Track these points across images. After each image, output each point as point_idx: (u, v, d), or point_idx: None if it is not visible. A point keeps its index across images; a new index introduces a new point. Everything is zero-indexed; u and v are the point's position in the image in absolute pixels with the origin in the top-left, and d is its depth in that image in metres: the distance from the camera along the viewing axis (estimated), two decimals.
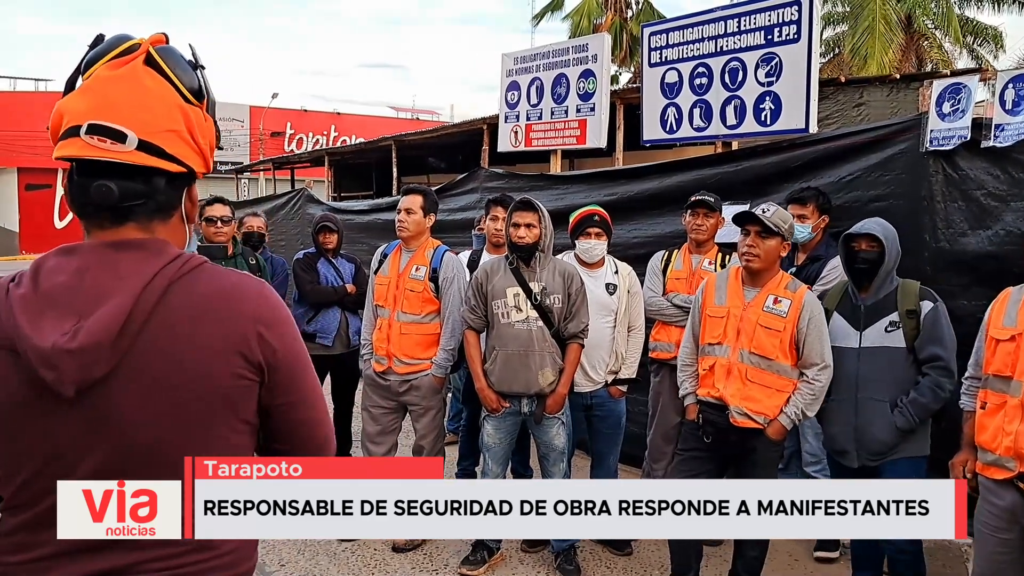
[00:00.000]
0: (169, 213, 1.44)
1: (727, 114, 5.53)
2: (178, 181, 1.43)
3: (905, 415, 3.46)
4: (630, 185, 5.96)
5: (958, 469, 3.19)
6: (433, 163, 18.75)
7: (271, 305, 1.42)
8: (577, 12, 26.30)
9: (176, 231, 1.47)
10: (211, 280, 1.38)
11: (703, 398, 3.75)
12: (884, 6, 20.75)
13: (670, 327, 4.67)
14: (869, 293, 3.62)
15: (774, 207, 3.62)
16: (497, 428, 4.26)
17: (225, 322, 1.35)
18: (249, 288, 1.41)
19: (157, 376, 1.30)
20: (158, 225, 1.42)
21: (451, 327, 4.53)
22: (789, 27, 5.11)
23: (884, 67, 19.04)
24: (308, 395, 1.47)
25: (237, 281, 1.41)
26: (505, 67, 7.51)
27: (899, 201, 4.36)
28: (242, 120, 38.87)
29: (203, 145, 1.42)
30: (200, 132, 1.41)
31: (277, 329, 1.40)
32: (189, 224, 1.51)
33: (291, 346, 1.42)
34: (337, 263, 5.90)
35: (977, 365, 3.18)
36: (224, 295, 1.37)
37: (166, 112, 1.36)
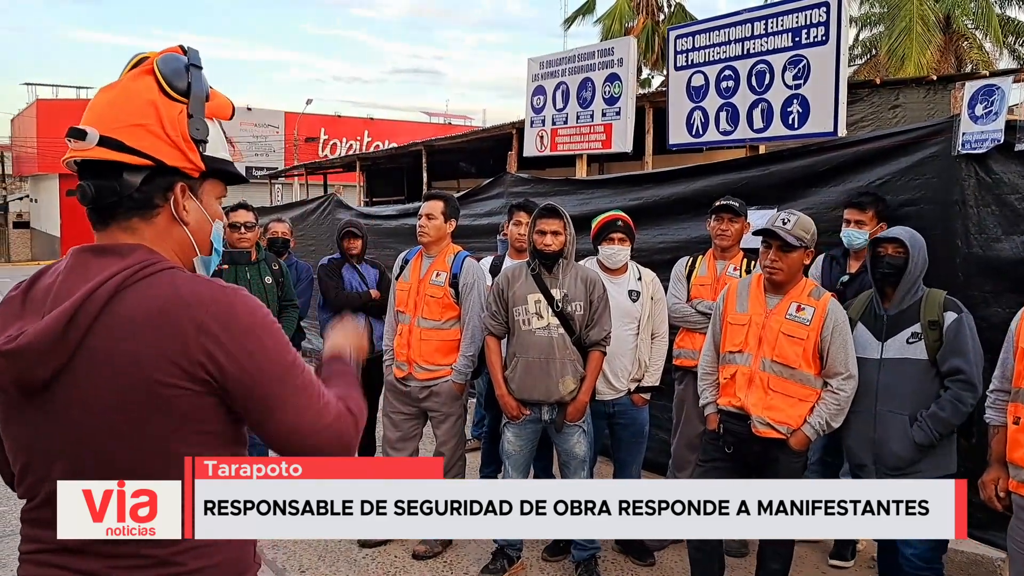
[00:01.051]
0: (148, 211, 1.43)
1: (754, 117, 5.44)
2: (158, 178, 1.41)
3: (924, 430, 3.35)
4: (656, 190, 5.89)
5: (989, 488, 3.06)
6: (464, 168, 18.78)
7: (225, 313, 1.34)
8: (609, 16, 26.18)
9: (165, 232, 1.45)
10: (161, 287, 1.35)
11: (724, 407, 3.68)
12: (922, 6, 20.40)
13: (694, 334, 4.59)
14: (892, 303, 3.51)
15: (795, 216, 3.54)
16: (517, 436, 4.22)
17: (163, 330, 1.31)
18: (200, 295, 1.34)
19: (99, 382, 1.31)
20: (140, 224, 1.42)
21: (471, 333, 4.51)
22: (817, 29, 5.01)
23: (922, 68, 18.72)
24: (282, 402, 1.37)
25: (190, 288, 1.35)
26: (531, 71, 7.48)
27: (930, 206, 4.24)
28: (277, 126, 39.31)
29: (175, 137, 1.40)
30: (170, 125, 1.40)
31: (227, 338, 1.32)
32: (192, 227, 1.48)
33: (251, 353, 1.34)
34: (361, 268, 5.91)
35: (1004, 377, 3.06)
36: (168, 303, 1.33)
37: (134, 108, 1.38)
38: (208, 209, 1.52)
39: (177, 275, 1.38)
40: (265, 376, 1.36)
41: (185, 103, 1.42)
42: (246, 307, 1.38)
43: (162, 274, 1.36)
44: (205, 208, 1.51)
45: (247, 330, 1.36)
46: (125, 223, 1.42)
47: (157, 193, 1.43)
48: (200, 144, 1.44)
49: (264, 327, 1.39)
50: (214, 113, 1.48)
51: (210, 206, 1.52)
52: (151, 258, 1.38)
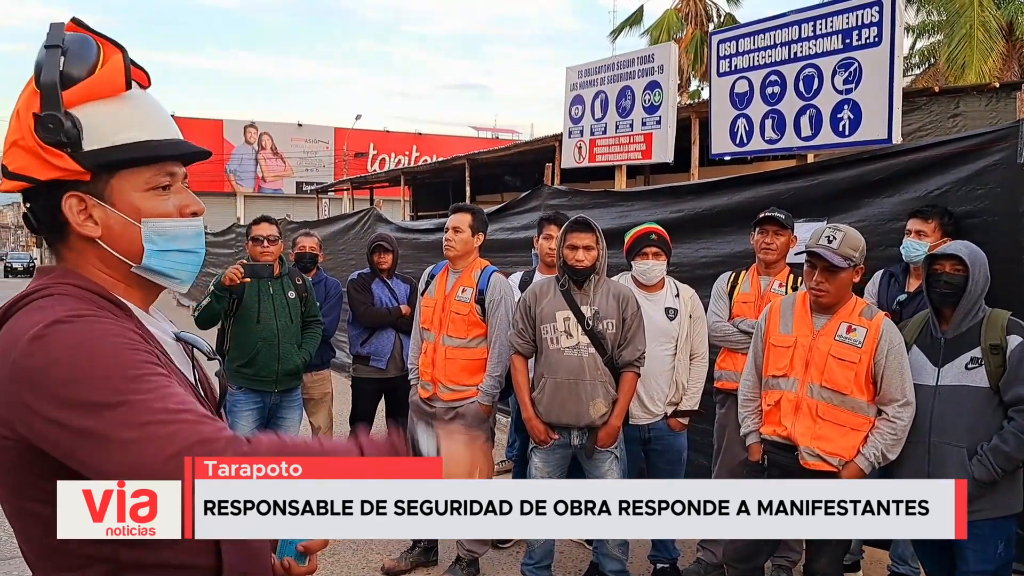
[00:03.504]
0: (59, 235, 1.26)
1: (801, 125, 5.15)
2: (43, 198, 1.23)
3: (985, 464, 3.00)
4: (698, 201, 5.62)
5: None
6: (509, 181, 18.70)
7: (35, 350, 1.11)
8: (656, 27, 25.93)
9: (83, 252, 1.26)
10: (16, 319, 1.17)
11: (768, 437, 3.40)
12: (983, 13, 19.75)
13: (736, 354, 4.30)
14: (950, 325, 3.18)
15: (841, 233, 3.24)
16: (545, 461, 3.99)
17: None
18: (24, 329, 1.13)
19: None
20: (62, 249, 1.28)
21: (498, 352, 4.29)
22: (869, 30, 4.72)
23: (983, 76, 18.08)
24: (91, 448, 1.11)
25: (19, 321, 1.15)
26: (569, 81, 7.28)
27: (993, 218, 3.91)
28: (327, 142, 39.79)
29: (30, 146, 1.17)
30: (26, 133, 1.18)
31: (33, 378, 1.10)
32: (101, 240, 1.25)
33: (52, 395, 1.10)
34: (392, 283, 5.76)
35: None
36: (4, 337, 1.15)
37: (12, 123, 1.22)
38: (128, 209, 1.25)
39: (37, 303, 1.18)
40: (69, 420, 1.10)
41: (37, 93, 1.19)
42: (60, 340, 1.12)
43: (36, 302, 1.18)
44: (123, 209, 1.25)
45: (52, 366, 1.11)
46: (53, 249, 1.28)
47: (51, 213, 1.23)
48: (68, 144, 1.17)
49: (78, 361, 1.11)
50: (97, 92, 1.21)
51: (132, 205, 1.25)
52: (49, 281, 1.22)
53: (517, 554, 4.64)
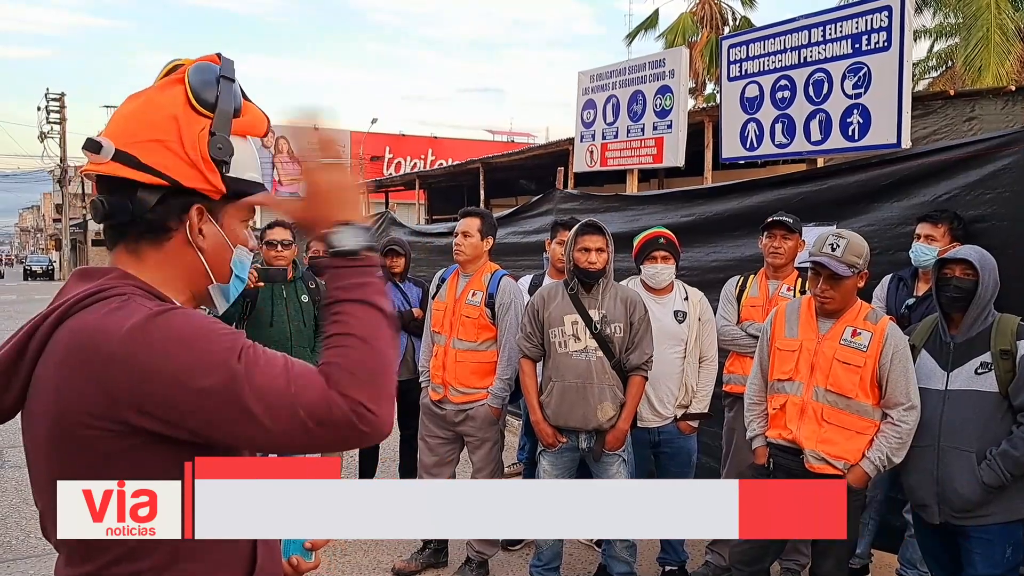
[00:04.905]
0: (160, 236, 1.30)
1: (811, 129, 5.15)
2: (173, 199, 1.28)
3: (994, 469, 3.01)
4: (708, 206, 5.63)
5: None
6: (524, 185, 18.71)
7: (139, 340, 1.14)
8: (672, 30, 25.88)
9: (176, 257, 1.32)
10: (91, 315, 1.19)
11: (774, 440, 3.41)
12: (1000, 15, 19.57)
13: (745, 358, 4.31)
14: (960, 329, 3.19)
15: (845, 240, 3.25)
16: (553, 464, 4.02)
17: (80, 366, 1.16)
18: (120, 323, 1.15)
19: (39, 416, 1.22)
20: (148, 249, 1.30)
21: (508, 355, 4.32)
22: (879, 34, 4.71)
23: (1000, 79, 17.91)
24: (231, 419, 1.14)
25: (111, 316, 1.17)
26: (581, 85, 7.30)
27: (1003, 222, 3.90)
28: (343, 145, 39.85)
29: (193, 156, 1.26)
30: (188, 143, 1.26)
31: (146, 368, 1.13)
32: (207, 253, 1.34)
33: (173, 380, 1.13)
34: (404, 287, 5.80)
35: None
36: (88, 334, 1.17)
37: (154, 122, 1.26)
38: (230, 234, 1.37)
39: (114, 303, 1.21)
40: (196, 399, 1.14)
41: (210, 118, 1.29)
42: (165, 328, 1.16)
43: (106, 302, 1.21)
44: (226, 232, 1.36)
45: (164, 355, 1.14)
46: (133, 245, 1.30)
47: (171, 215, 1.30)
48: (222, 164, 1.29)
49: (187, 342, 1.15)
50: (245, 130, 1.35)
51: (232, 230, 1.38)
52: (113, 282, 1.24)
53: (527, 556, 4.67)
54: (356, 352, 1.18)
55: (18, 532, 5.07)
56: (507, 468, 5.29)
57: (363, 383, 1.17)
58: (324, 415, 1.14)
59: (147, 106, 1.29)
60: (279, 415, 1.14)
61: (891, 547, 4.30)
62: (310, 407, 1.14)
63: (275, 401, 1.13)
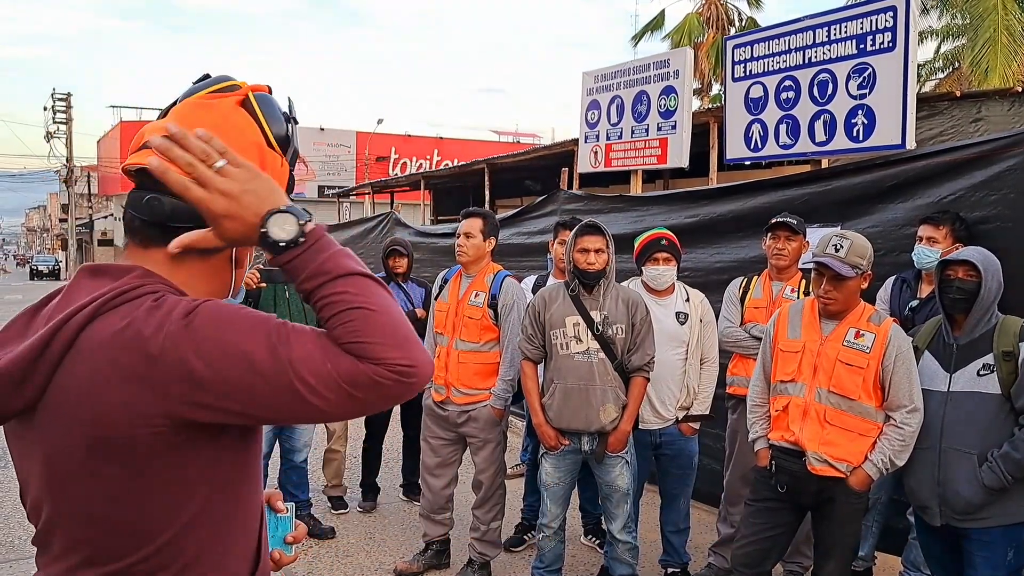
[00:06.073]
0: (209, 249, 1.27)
1: (816, 130, 5.13)
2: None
3: (995, 471, 2.99)
4: (713, 207, 5.63)
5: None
6: (529, 185, 18.66)
7: (181, 332, 1.13)
8: (677, 31, 25.83)
9: (215, 274, 1.32)
10: (127, 314, 1.17)
11: (776, 442, 3.40)
12: (1007, 16, 19.49)
13: (748, 360, 4.30)
14: (963, 331, 3.17)
15: (848, 241, 3.23)
16: (556, 467, 4.01)
17: (122, 367, 1.14)
18: (161, 320, 1.14)
19: (65, 420, 1.18)
20: (192, 258, 1.27)
21: (510, 356, 4.31)
22: (883, 35, 4.69)
23: (1007, 80, 17.85)
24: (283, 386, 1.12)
25: (150, 314, 1.16)
26: (585, 85, 7.29)
27: (1007, 223, 3.89)
28: (349, 146, 39.95)
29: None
30: (275, 176, 1.27)
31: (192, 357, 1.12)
32: (238, 270, 1.35)
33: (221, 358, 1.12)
34: (407, 287, 5.81)
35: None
36: (128, 334, 1.15)
37: (242, 144, 1.25)
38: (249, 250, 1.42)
39: (148, 301, 1.19)
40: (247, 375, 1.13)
41: (280, 155, 1.33)
42: (205, 315, 1.16)
43: (138, 300, 1.19)
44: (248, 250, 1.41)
45: (209, 339, 1.14)
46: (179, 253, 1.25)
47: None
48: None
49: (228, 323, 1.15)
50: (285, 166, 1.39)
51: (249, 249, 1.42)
52: (140, 281, 1.22)
53: (529, 557, 4.66)
54: (360, 322, 1.14)
55: (21, 532, 5.08)
56: (510, 469, 5.28)
57: (389, 346, 1.14)
58: (366, 381, 1.13)
59: (225, 123, 1.27)
60: (325, 386, 1.12)
61: (895, 549, 4.28)
62: (349, 376, 1.12)
63: (317, 369, 1.12)
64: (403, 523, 5.39)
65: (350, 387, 1.12)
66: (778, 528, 3.43)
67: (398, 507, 5.71)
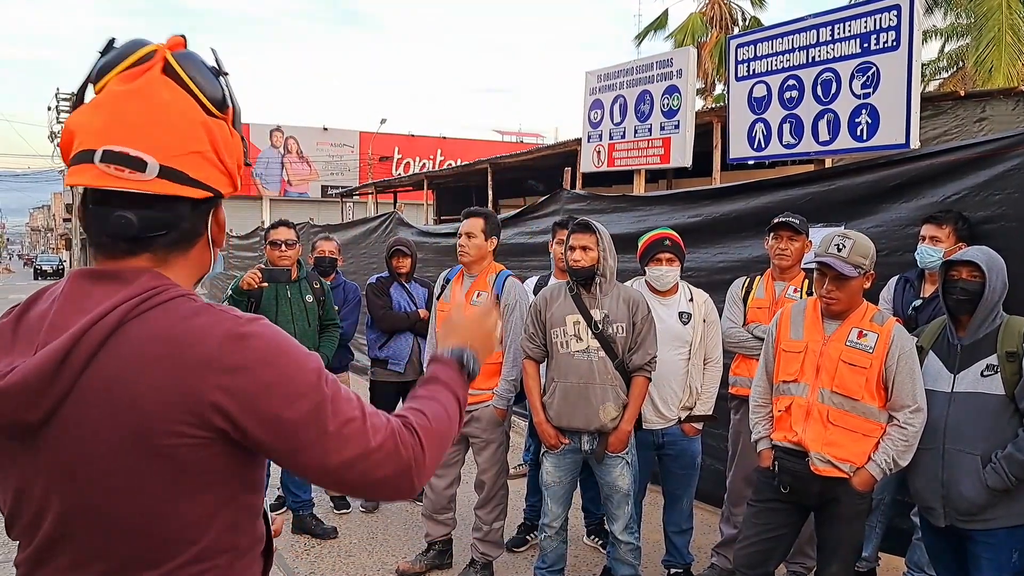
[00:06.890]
0: (192, 242, 1.29)
1: (819, 129, 5.11)
2: (204, 206, 1.28)
3: (999, 472, 2.97)
4: (716, 206, 5.61)
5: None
6: (532, 185, 18.67)
7: (238, 348, 1.16)
8: (681, 31, 25.78)
9: (196, 260, 1.32)
10: (168, 318, 1.17)
11: (779, 443, 3.38)
12: (1012, 16, 19.44)
13: (751, 360, 4.28)
14: (967, 331, 3.15)
15: (850, 241, 3.21)
16: (556, 466, 4.00)
17: (168, 370, 1.14)
18: (212, 329, 1.16)
19: (94, 426, 1.15)
20: (176, 255, 1.27)
21: (513, 356, 4.30)
22: (887, 34, 4.67)
23: (1012, 80, 17.80)
24: (309, 440, 1.18)
25: (201, 320, 1.18)
26: (588, 85, 7.27)
27: (1011, 223, 3.87)
28: (352, 146, 39.97)
29: (229, 164, 1.26)
30: (226, 149, 1.25)
31: (244, 375, 1.15)
32: (215, 248, 1.35)
33: (268, 391, 1.16)
34: (410, 288, 5.79)
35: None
36: (175, 338, 1.16)
37: (189, 131, 1.21)
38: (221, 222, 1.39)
39: (185, 304, 1.20)
40: (288, 415, 1.18)
41: (224, 120, 1.26)
42: (263, 339, 1.19)
43: (171, 304, 1.19)
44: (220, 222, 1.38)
45: (264, 364, 1.17)
46: (164, 253, 1.25)
47: (201, 221, 1.29)
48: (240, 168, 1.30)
49: (284, 357, 1.20)
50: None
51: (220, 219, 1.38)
52: (159, 284, 1.21)
53: (531, 557, 4.65)
54: (432, 411, 1.36)
55: None
56: (512, 469, 5.27)
57: (431, 436, 1.31)
58: (391, 448, 1.24)
59: (167, 113, 1.20)
60: (349, 443, 1.20)
61: (898, 550, 4.26)
62: (382, 439, 1.23)
63: (350, 430, 1.21)
64: (405, 523, 5.38)
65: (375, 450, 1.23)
66: (781, 529, 3.41)
67: (400, 507, 5.70)
